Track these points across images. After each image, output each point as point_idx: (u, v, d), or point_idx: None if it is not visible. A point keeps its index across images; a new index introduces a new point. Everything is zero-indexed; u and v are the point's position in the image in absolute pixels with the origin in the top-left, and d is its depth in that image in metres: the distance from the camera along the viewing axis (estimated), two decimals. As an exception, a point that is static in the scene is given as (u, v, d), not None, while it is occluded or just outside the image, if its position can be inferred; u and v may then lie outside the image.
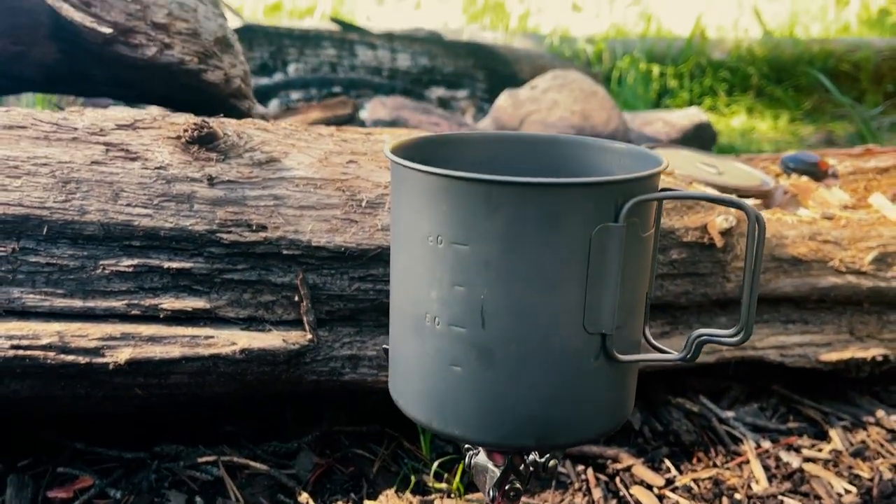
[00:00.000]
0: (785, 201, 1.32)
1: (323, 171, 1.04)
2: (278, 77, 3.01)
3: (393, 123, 2.22)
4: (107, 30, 1.07)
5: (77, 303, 0.97)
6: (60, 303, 0.96)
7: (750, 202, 1.25)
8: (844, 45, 4.78)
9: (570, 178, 0.58)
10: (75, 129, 0.99)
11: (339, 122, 2.22)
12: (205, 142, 0.99)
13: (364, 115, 2.70)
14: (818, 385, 1.35)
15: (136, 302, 0.98)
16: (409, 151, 0.72)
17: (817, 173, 1.39)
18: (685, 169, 1.30)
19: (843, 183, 1.40)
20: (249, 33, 3.16)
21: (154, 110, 1.06)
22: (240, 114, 1.26)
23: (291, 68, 3.08)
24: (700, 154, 1.43)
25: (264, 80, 2.94)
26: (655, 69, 4.53)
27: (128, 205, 0.96)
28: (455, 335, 0.62)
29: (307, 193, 1.02)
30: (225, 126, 1.02)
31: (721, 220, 1.12)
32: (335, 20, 3.20)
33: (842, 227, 1.27)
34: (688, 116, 2.85)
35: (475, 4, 6.21)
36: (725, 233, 1.13)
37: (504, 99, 2.53)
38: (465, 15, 6.20)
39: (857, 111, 4.03)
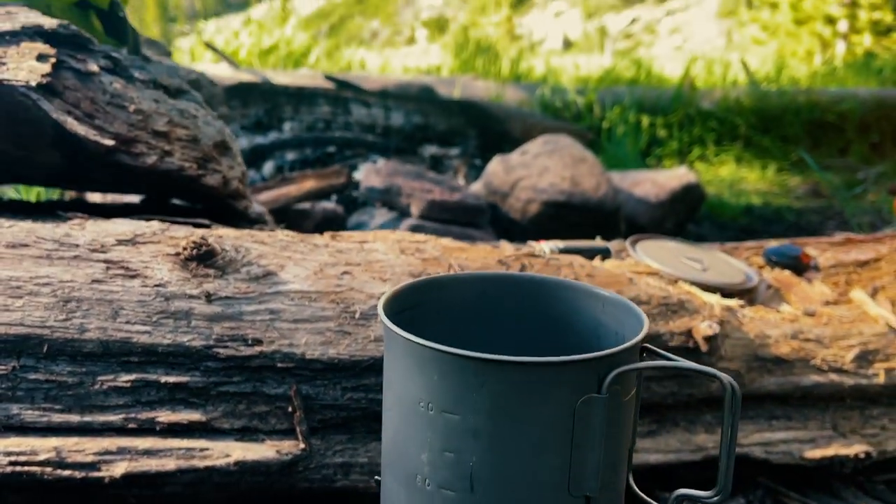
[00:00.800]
0: (768, 297, 1.35)
1: (318, 284, 1.07)
2: (273, 136, 3.05)
3: (387, 191, 2.26)
4: (109, 142, 1.11)
5: (74, 418, 0.98)
6: (58, 418, 0.98)
7: (734, 302, 1.28)
8: (829, 97, 4.88)
9: (553, 358, 0.61)
10: (77, 245, 1.01)
11: (334, 190, 2.25)
12: (203, 259, 1.02)
13: (358, 175, 2.74)
14: (804, 475, 1.37)
15: (132, 416, 1.00)
16: (402, 299, 0.75)
17: (799, 266, 1.43)
18: (671, 265, 1.34)
19: (825, 276, 1.44)
20: (245, 90, 3.21)
21: (155, 223, 1.08)
22: (236, 213, 1.29)
23: (287, 126, 3.13)
24: (685, 245, 1.47)
25: (259, 139, 2.99)
26: (645, 119, 4.61)
27: (127, 322, 0.98)
28: (445, 497, 0.65)
29: (302, 307, 1.04)
30: (223, 241, 1.05)
31: (705, 326, 1.15)
32: (329, 77, 3.25)
33: (823, 324, 1.30)
34: (676, 177, 2.90)
35: (467, 49, 6.31)
36: (710, 338, 1.16)
37: (496, 164, 2.57)
38: (456, 59, 6.29)
39: (832, 183, 4.10)
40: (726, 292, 1.30)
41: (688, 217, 3.09)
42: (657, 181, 2.89)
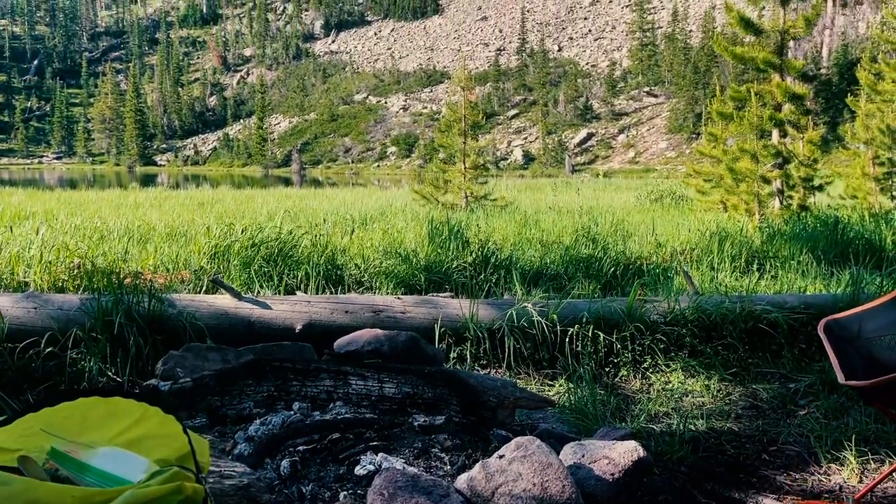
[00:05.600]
0: None
1: None
2: (283, 416, 3.52)
3: (390, 518, 2.72)
4: None
5: None
6: None
7: None
8: (762, 307, 5.56)
9: None
10: None
11: (347, 523, 2.71)
12: None
13: (360, 471, 3.21)
14: None
15: None
16: None
17: None
18: None
19: None
20: (258, 367, 3.71)
21: None
22: None
23: (295, 406, 3.61)
24: None
25: (274, 421, 3.45)
26: (602, 335, 5.22)
27: None
28: None
29: None
30: None
31: None
32: (331, 354, 3.77)
33: None
34: (627, 453, 3.43)
35: (440, 234, 6.94)
36: None
37: (478, 470, 3.08)
38: (431, 244, 6.91)
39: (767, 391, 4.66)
40: None
41: (640, 480, 3.62)
42: (611, 458, 3.42)
